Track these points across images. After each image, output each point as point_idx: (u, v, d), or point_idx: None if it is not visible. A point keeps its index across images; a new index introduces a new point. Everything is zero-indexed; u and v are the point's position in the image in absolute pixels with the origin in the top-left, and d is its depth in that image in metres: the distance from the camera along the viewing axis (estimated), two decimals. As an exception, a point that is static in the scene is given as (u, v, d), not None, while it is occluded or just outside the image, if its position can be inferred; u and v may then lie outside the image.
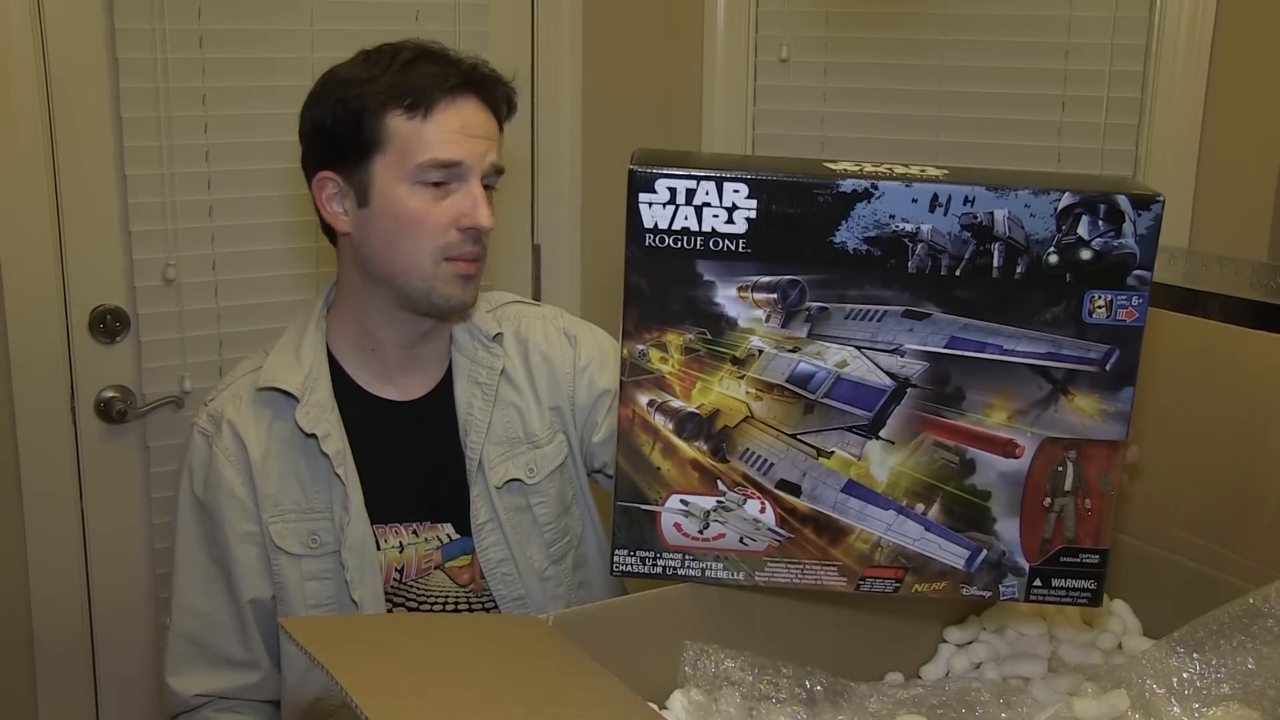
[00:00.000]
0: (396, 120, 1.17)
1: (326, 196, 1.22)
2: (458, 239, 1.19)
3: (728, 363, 0.88)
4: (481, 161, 1.19)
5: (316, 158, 1.22)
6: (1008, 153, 1.92)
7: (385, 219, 1.18)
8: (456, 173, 1.18)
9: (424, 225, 1.18)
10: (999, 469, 0.89)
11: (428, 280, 1.19)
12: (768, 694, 0.92)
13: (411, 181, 1.17)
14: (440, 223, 1.18)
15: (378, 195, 1.18)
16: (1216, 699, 0.84)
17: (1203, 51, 1.80)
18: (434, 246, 1.18)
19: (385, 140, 1.17)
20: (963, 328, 0.86)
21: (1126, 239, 0.84)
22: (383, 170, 1.18)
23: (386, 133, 1.17)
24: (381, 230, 1.19)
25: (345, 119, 1.18)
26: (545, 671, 0.81)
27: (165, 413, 1.75)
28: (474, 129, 1.19)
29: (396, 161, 1.17)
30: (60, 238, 1.65)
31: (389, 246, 1.19)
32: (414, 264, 1.19)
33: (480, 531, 1.26)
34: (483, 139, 1.20)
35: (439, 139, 1.17)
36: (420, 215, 1.17)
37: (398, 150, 1.17)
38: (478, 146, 1.19)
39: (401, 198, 1.17)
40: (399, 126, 1.17)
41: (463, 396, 1.27)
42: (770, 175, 0.84)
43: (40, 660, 1.73)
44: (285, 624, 0.80)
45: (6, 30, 1.57)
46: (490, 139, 1.21)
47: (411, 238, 1.18)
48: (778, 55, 2.02)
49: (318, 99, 1.21)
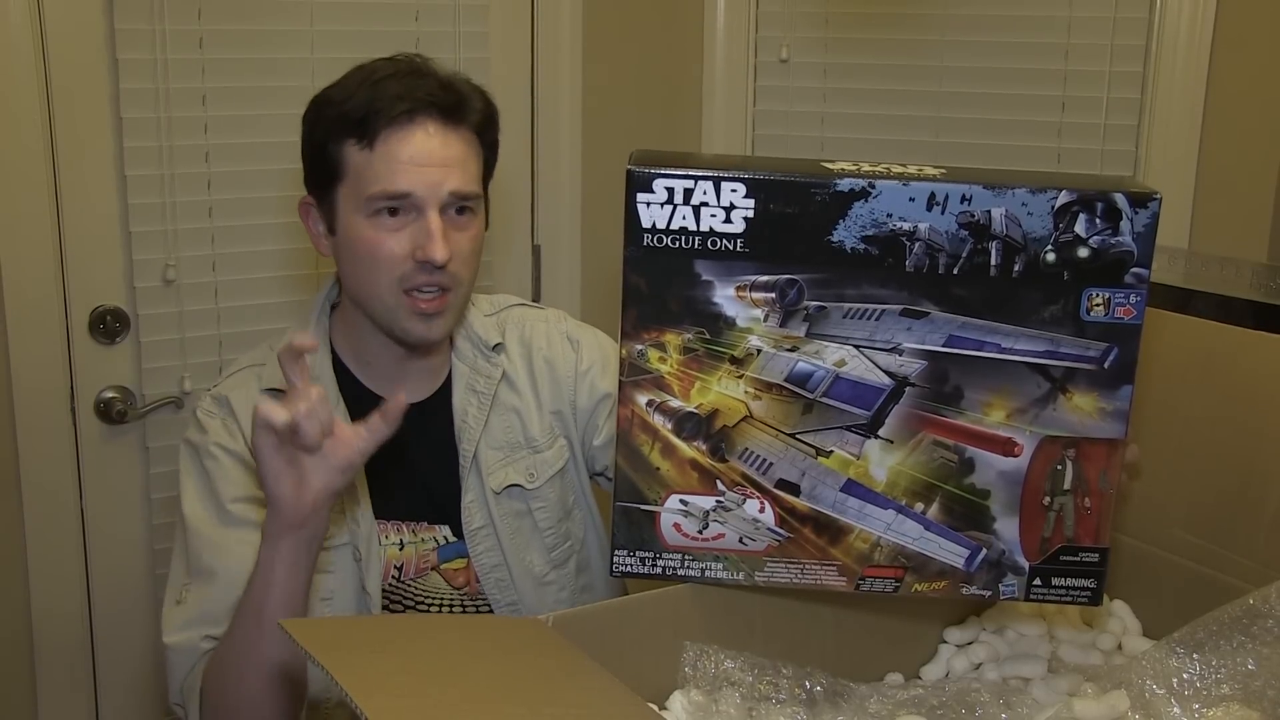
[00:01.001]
0: (349, 150, 1.15)
1: (311, 221, 1.23)
2: (413, 269, 1.15)
3: (726, 362, 0.88)
4: (437, 191, 1.14)
5: (305, 179, 1.23)
6: (1007, 153, 1.92)
7: (347, 249, 1.18)
8: (408, 203, 1.15)
9: (378, 257, 1.15)
10: (998, 468, 0.89)
11: (390, 312, 1.18)
12: (767, 695, 0.92)
13: (366, 213, 1.15)
14: (395, 255, 1.15)
15: (340, 225, 1.18)
16: (1216, 699, 0.84)
17: (1203, 52, 1.80)
18: (391, 279, 1.16)
19: (343, 170, 1.16)
20: (961, 326, 0.86)
21: (1124, 237, 0.84)
22: (344, 200, 1.17)
23: (344, 162, 1.16)
24: (346, 259, 1.19)
25: (312, 146, 1.18)
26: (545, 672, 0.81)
27: (165, 413, 1.75)
28: (425, 158, 1.14)
29: (352, 193, 1.16)
30: (60, 238, 1.65)
31: (354, 276, 1.19)
32: (375, 295, 1.18)
33: (474, 537, 1.26)
34: (438, 167, 1.15)
35: (387, 170, 1.14)
36: (374, 247, 1.15)
37: (352, 181, 1.16)
38: (430, 176, 1.14)
39: (359, 228, 1.16)
40: (352, 156, 1.16)
41: (459, 403, 1.27)
42: (768, 175, 0.84)
43: (40, 660, 1.73)
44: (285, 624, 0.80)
45: (6, 30, 1.57)
46: (449, 165, 1.16)
47: (370, 268, 1.16)
48: (778, 56, 2.02)
49: (304, 120, 1.21)
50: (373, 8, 1.79)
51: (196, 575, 1.19)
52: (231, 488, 1.19)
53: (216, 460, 1.20)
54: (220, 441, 1.20)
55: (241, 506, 1.18)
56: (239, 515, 1.18)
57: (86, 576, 1.74)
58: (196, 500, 1.21)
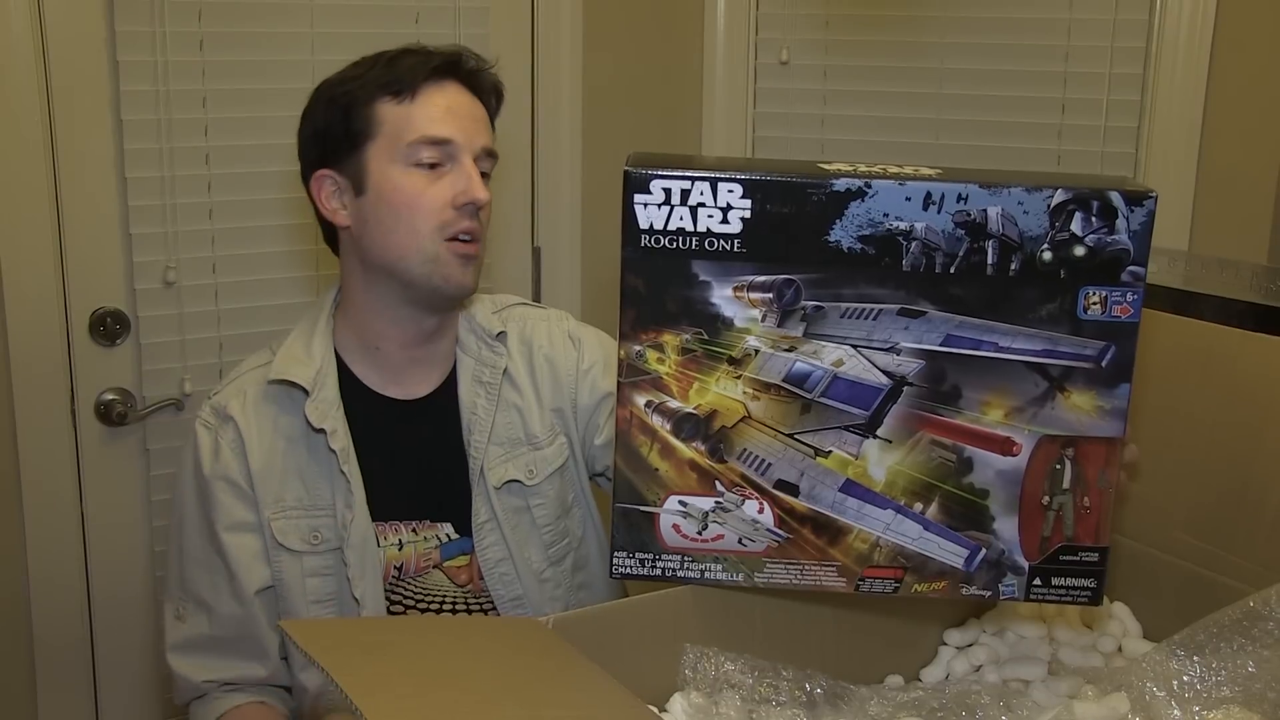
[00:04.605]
0: (384, 107, 1.19)
1: (325, 194, 1.23)
2: (454, 216, 1.20)
3: (724, 363, 0.88)
4: (472, 141, 1.21)
5: (312, 161, 1.24)
6: (1008, 155, 1.91)
7: (382, 204, 1.20)
8: (448, 151, 1.20)
9: (420, 205, 1.19)
10: (997, 467, 0.89)
11: (429, 262, 1.20)
12: (768, 696, 0.92)
13: (405, 163, 1.19)
14: (437, 201, 1.19)
15: (373, 181, 1.20)
16: (1217, 702, 0.84)
17: (1203, 54, 1.80)
18: (432, 226, 1.19)
19: (375, 127, 1.19)
20: (958, 325, 0.86)
21: (1120, 235, 0.84)
22: (375, 156, 1.20)
23: (376, 120, 1.19)
24: (379, 216, 1.20)
25: (335, 115, 1.20)
26: (545, 674, 0.81)
27: (165, 415, 1.75)
28: (461, 110, 1.21)
29: (388, 145, 1.19)
30: (60, 240, 1.65)
31: (388, 232, 1.20)
32: (414, 246, 1.19)
33: (480, 531, 1.26)
34: (470, 120, 1.22)
35: (427, 118, 1.19)
36: (416, 196, 1.19)
37: (388, 135, 1.19)
38: (466, 125, 1.21)
39: (396, 180, 1.19)
40: (387, 112, 1.19)
41: (466, 396, 1.27)
42: (764, 175, 0.84)
43: (40, 660, 1.73)
44: (285, 625, 0.80)
45: (7, 32, 1.57)
46: (478, 121, 1.23)
47: (409, 219, 1.19)
48: (778, 58, 2.03)
49: (310, 107, 1.24)
50: (373, 10, 1.79)
51: (193, 599, 1.25)
52: (223, 516, 1.22)
53: (209, 484, 1.23)
54: (209, 467, 1.22)
55: (231, 535, 1.21)
56: (230, 544, 1.21)
57: (86, 577, 1.74)
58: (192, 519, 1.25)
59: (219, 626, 1.23)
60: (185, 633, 1.24)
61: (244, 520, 1.21)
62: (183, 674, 1.24)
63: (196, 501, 1.24)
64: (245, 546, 1.21)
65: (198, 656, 1.23)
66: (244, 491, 1.21)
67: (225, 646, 1.23)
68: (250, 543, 1.21)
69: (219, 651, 1.23)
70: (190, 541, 1.24)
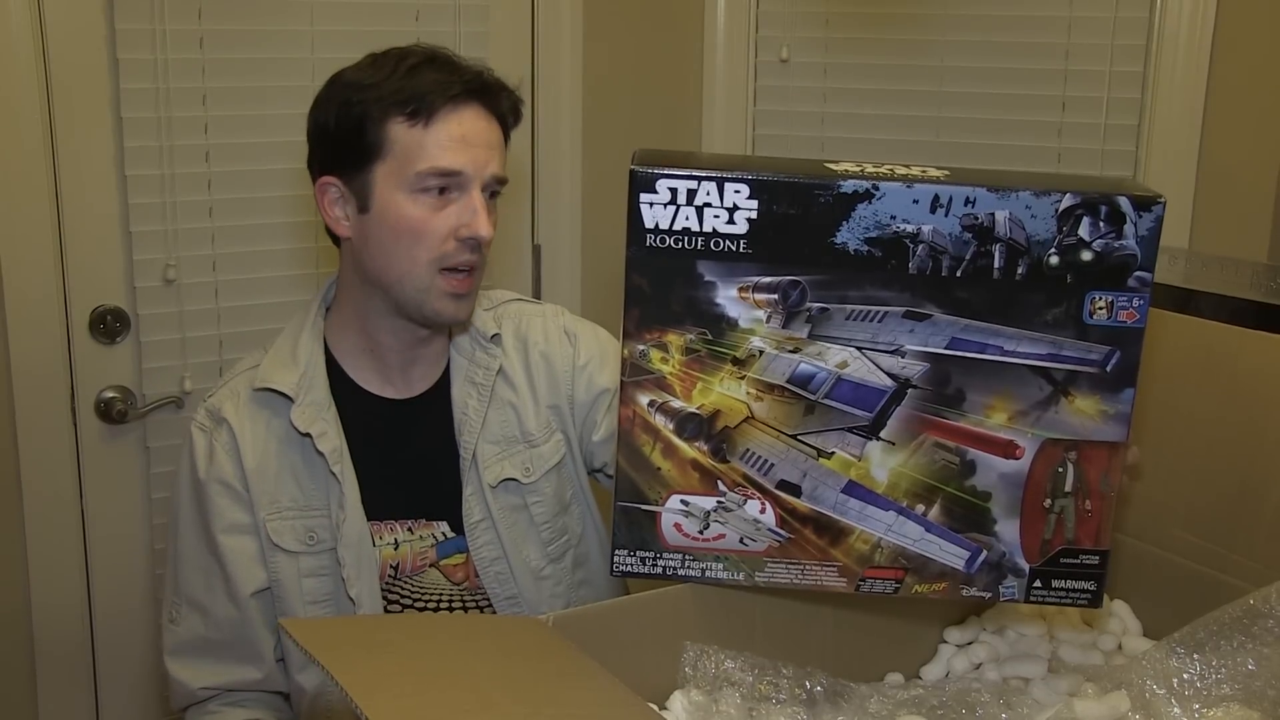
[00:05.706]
0: (398, 127, 1.17)
1: (329, 201, 1.22)
2: (455, 248, 1.18)
3: (728, 363, 0.88)
4: (483, 171, 1.18)
5: (320, 161, 1.22)
6: (1008, 153, 1.92)
7: (384, 226, 1.18)
8: (457, 181, 1.17)
9: (422, 234, 1.17)
10: (999, 470, 0.89)
11: (422, 291, 1.19)
12: (768, 695, 0.92)
13: (411, 190, 1.17)
14: (439, 232, 1.17)
15: (378, 202, 1.18)
16: (1217, 700, 0.84)
17: (1203, 52, 1.80)
18: (430, 257, 1.18)
19: (386, 147, 1.17)
20: (963, 329, 0.86)
21: (1127, 240, 0.84)
22: (383, 177, 1.17)
23: (388, 140, 1.17)
24: (380, 237, 1.19)
25: (348, 125, 1.18)
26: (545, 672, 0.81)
27: (165, 413, 1.75)
28: (475, 138, 1.18)
29: (397, 169, 1.17)
30: (60, 238, 1.65)
31: (386, 254, 1.19)
32: (409, 273, 1.18)
33: (474, 530, 1.26)
34: (484, 148, 1.19)
35: (439, 147, 1.16)
36: (419, 224, 1.17)
37: (399, 158, 1.17)
38: (479, 156, 1.18)
39: (401, 206, 1.17)
40: (400, 134, 1.17)
41: (459, 396, 1.27)
42: (771, 176, 0.84)
43: (40, 661, 1.73)
44: (285, 624, 0.80)
45: (6, 31, 1.57)
46: (492, 148, 1.20)
47: (409, 247, 1.17)
48: (778, 56, 2.02)
49: (323, 102, 1.21)
50: (373, 8, 1.79)
51: (188, 602, 1.25)
52: (218, 519, 1.22)
53: (204, 487, 1.23)
54: (204, 470, 1.22)
55: (227, 538, 1.21)
56: (225, 547, 1.21)
57: (86, 576, 1.74)
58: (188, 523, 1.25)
59: (214, 629, 1.23)
60: (180, 636, 1.24)
61: (240, 522, 1.21)
62: (179, 678, 1.24)
63: (192, 505, 1.24)
64: (241, 548, 1.21)
65: (193, 660, 1.23)
66: (239, 494, 1.21)
67: (220, 649, 1.23)
68: (246, 545, 1.21)
69: (214, 654, 1.23)
70: (186, 545, 1.24)
